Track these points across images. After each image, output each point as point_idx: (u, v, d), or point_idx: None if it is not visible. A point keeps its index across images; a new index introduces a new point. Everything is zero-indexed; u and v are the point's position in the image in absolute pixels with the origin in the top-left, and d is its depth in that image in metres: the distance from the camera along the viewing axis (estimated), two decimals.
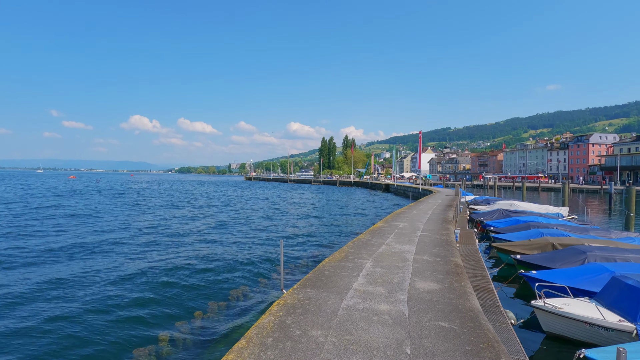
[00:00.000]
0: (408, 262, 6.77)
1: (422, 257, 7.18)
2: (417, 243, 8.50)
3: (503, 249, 11.70)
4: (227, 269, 11.49)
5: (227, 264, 12.05)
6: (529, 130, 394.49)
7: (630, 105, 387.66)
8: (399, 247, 7.99)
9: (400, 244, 8.36)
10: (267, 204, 38.58)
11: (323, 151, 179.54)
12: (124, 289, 9.17)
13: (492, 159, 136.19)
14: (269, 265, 12.22)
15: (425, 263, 6.75)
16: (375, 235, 9.41)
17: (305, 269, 11.42)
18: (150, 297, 8.59)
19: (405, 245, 8.18)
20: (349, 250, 7.63)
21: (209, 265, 11.86)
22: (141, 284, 9.62)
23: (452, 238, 8.32)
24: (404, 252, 7.53)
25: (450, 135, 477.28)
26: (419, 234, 9.56)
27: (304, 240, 16.91)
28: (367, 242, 8.52)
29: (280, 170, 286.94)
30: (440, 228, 10.50)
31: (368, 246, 8.07)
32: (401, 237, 9.22)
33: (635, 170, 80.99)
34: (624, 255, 9.00)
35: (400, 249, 7.83)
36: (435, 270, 6.21)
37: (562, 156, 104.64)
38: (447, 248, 7.99)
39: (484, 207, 25.92)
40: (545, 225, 14.44)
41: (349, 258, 6.93)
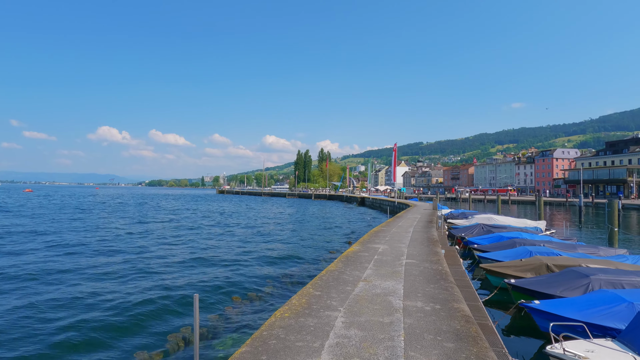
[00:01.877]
0: (397, 315, 4.92)
1: (415, 303, 5.34)
2: (404, 277, 6.79)
3: (493, 271, 10.56)
4: (100, 327, 7.51)
5: (114, 311, 8.36)
6: (496, 145, 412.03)
7: (585, 123, 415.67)
8: (381, 285, 6.17)
9: (382, 279, 6.62)
10: (231, 219, 36.33)
11: (299, 164, 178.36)
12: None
13: (464, 173, 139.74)
14: (185, 319, 8.08)
15: (421, 316, 4.93)
16: (350, 264, 7.57)
17: (243, 331, 7.37)
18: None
19: (389, 282, 6.40)
20: (313, 291, 5.73)
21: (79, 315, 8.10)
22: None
23: (445, 268, 6.76)
24: (389, 294, 5.70)
25: (422, 150, 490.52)
26: (404, 261, 7.87)
27: (256, 273, 12.81)
28: (339, 276, 6.69)
29: (255, 183, 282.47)
30: (428, 252, 9.04)
31: (340, 283, 6.24)
32: (383, 267, 7.44)
33: (596, 184, 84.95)
34: (630, 279, 8.01)
35: (384, 289, 6.03)
36: (438, 332, 4.39)
37: (529, 170, 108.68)
38: (444, 285, 6.25)
39: (462, 221, 25.19)
40: (531, 243, 13.58)
41: (311, 308, 5.06)
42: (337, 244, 19.96)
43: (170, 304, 8.82)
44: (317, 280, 6.23)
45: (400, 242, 10.55)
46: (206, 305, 8.66)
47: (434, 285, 6.09)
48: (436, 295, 5.50)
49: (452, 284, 5.71)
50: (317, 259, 15.57)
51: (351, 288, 5.82)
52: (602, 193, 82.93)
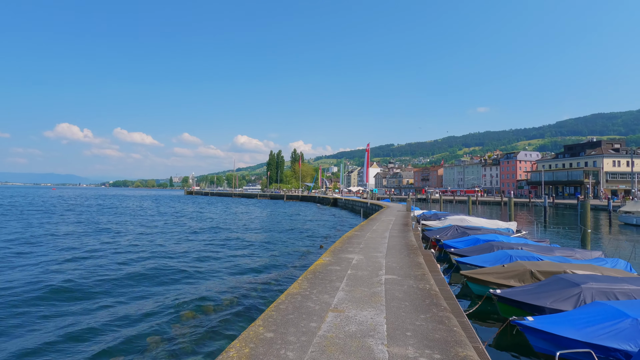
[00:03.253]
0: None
1: (405, 350, 3.62)
2: (386, 302, 5.18)
3: (475, 278, 9.80)
4: None
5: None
6: (463, 147, 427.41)
7: (544, 128, 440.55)
8: (357, 318, 4.52)
9: (358, 306, 4.93)
10: (194, 222, 34.24)
11: (271, 165, 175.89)
12: None
13: (433, 174, 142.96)
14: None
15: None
16: (318, 283, 5.91)
17: None
18: None
19: (367, 311, 4.76)
20: (263, 332, 3.97)
21: None
22: None
23: (433, 286, 5.66)
24: (368, 334, 4.02)
25: (393, 152, 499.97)
26: (383, 277, 6.48)
27: (201, 292, 10.23)
28: (303, 303, 4.97)
29: (226, 184, 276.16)
30: (409, 263, 7.78)
31: (302, 315, 4.56)
32: (358, 287, 5.83)
33: (555, 185, 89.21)
34: (621, 288, 7.42)
35: (360, 323, 4.35)
36: None
37: (494, 172, 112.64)
38: (438, 315, 4.66)
39: (435, 222, 24.84)
40: (509, 246, 13.07)
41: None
42: (307, 251, 18.22)
43: None
44: (272, 312, 4.60)
45: (377, 251, 9.36)
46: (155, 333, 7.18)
47: (425, 316, 4.63)
48: (431, 334, 4.07)
49: (447, 312, 4.56)
50: (280, 273, 13.19)
51: (316, 324, 4.26)
52: (561, 194, 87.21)
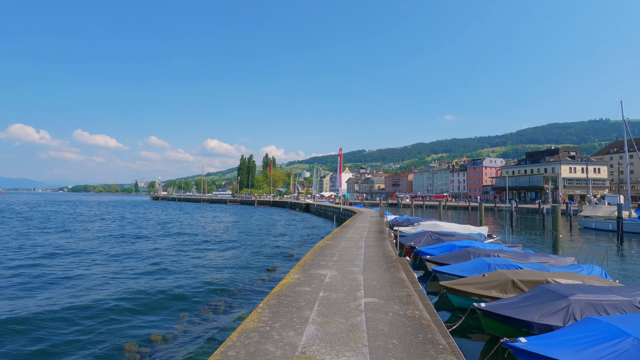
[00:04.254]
0: None
1: None
2: (369, 342, 3.91)
3: (455, 290, 9.19)
4: None
5: None
6: (431, 154, 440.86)
7: (506, 136, 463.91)
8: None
9: (333, 351, 3.69)
10: (153, 230, 32.14)
11: (242, 169, 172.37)
12: None
13: (404, 179, 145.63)
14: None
15: None
16: (282, 312, 4.68)
17: None
18: None
19: (345, 357, 3.56)
20: None
21: None
22: None
23: (423, 313, 4.68)
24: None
25: (365, 157, 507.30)
26: (362, 301, 5.30)
27: (128, 330, 7.89)
28: (259, 347, 3.71)
29: (195, 189, 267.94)
30: (391, 280, 6.71)
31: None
32: (332, 318, 4.59)
33: (518, 190, 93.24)
34: (609, 299, 7.01)
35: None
36: None
37: (462, 177, 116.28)
38: (437, 358, 3.54)
39: (408, 228, 24.47)
40: (485, 253, 12.68)
41: None
42: (276, 263, 16.54)
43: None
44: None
45: (353, 264, 8.31)
46: None
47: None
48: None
49: (448, 354, 3.49)
50: (240, 294, 11.00)
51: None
52: (523, 199, 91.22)
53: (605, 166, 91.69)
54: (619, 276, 13.51)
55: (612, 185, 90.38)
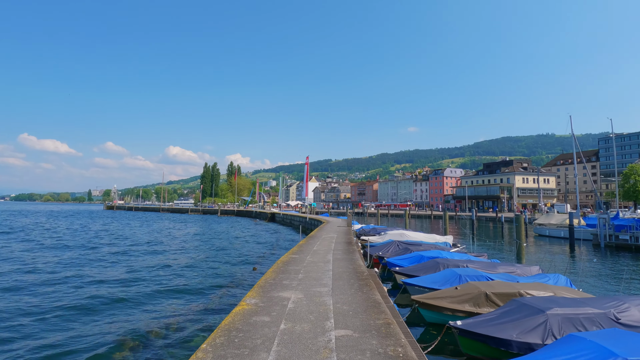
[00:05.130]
0: None
1: None
2: None
3: (427, 304, 8.69)
4: None
5: None
6: (395, 164, 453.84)
7: (464, 148, 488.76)
8: None
9: None
10: (90, 240, 29.59)
11: (205, 178, 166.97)
12: None
13: (369, 189, 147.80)
14: None
15: None
16: (229, 357, 3.67)
17: None
18: None
19: None
20: None
21: None
22: None
23: (407, 349, 3.87)
24: None
25: (331, 167, 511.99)
26: (333, 335, 4.32)
27: None
28: None
29: (155, 198, 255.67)
30: (365, 304, 5.78)
31: None
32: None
33: (477, 199, 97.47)
34: (584, 312, 6.76)
35: None
36: None
37: (424, 187, 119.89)
38: None
39: (375, 237, 24.16)
40: (454, 263, 12.42)
41: None
42: (236, 277, 14.99)
43: None
44: None
45: (320, 283, 7.31)
46: None
47: None
48: None
49: None
50: (183, 327, 8.79)
51: None
52: (481, 207, 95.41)
53: (553, 177, 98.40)
54: (582, 284, 13.79)
55: (560, 194, 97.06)
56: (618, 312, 6.83)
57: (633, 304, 7.08)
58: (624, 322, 6.67)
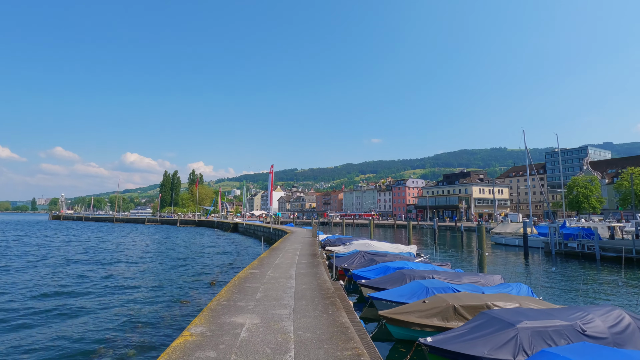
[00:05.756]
0: None
1: None
2: None
3: (395, 320, 8.27)
4: None
5: None
6: (359, 174, 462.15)
7: (425, 160, 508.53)
8: None
9: None
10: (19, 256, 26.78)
11: (165, 186, 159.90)
12: None
13: (335, 198, 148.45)
14: None
15: None
16: None
17: None
18: None
19: None
20: None
21: None
22: None
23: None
24: None
25: (297, 176, 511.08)
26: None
27: None
28: None
29: (109, 207, 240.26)
30: (331, 330, 5.10)
31: None
32: None
33: (437, 209, 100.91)
34: (553, 325, 6.64)
35: None
36: None
37: (388, 197, 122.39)
38: None
39: (340, 248, 23.77)
40: (420, 275, 12.22)
41: None
42: (191, 295, 13.19)
43: None
44: None
45: (281, 303, 6.49)
46: None
47: None
48: None
49: None
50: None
51: None
52: (441, 217, 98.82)
53: (506, 188, 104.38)
54: (541, 292, 14.12)
55: (512, 204, 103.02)
56: (584, 323, 6.79)
57: (596, 315, 7.09)
58: (589, 333, 6.63)
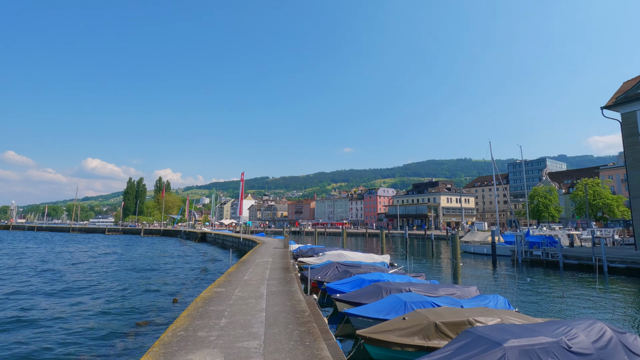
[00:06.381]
0: None
1: None
2: None
3: (374, 340, 7.70)
4: None
5: None
6: (331, 183, 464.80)
7: (394, 169, 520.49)
8: None
9: None
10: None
11: (129, 194, 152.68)
12: None
13: (306, 207, 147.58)
14: None
15: None
16: None
17: None
18: None
19: None
20: None
21: None
22: None
23: None
24: None
25: (268, 184, 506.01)
26: None
27: None
28: None
29: (66, 216, 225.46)
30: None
31: None
32: None
33: (407, 218, 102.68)
34: (539, 342, 6.32)
35: None
36: None
37: (359, 205, 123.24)
38: None
39: (312, 259, 23.09)
40: (396, 287, 11.78)
41: None
42: (149, 319, 11.46)
43: None
44: None
45: (249, 334, 5.45)
46: None
47: None
48: None
49: None
50: None
51: None
52: (411, 225, 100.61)
53: (472, 197, 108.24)
54: (517, 304, 14.10)
55: (478, 213, 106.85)
56: (569, 339, 6.54)
57: (580, 329, 6.88)
58: (575, 350, 6.39)
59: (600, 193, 61.61)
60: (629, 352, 6.89)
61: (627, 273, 22.20)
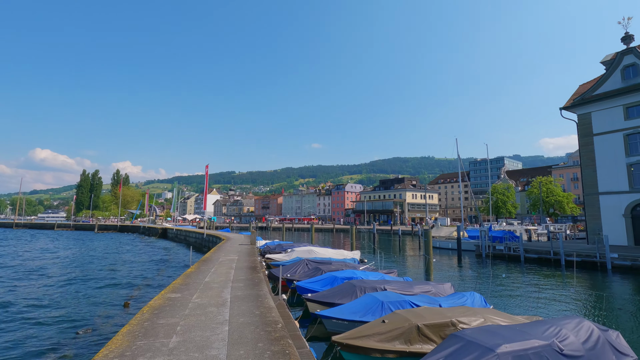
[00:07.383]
0: None
1: None
2: None
3: (352, 346, 6.94)
4: None
5: None
6: (299, 178, 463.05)
7: (361, 166, 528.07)
8: None
9: None
10: None
11: (83, 187, 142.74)
12: None
13: (274, 202, 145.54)
14: None
15: None
16: None
17: None
18: None
19: None
20: None
21: None
22: None
23: None
24: None
25: (235, 179, 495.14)
26: None
27: None
28: None
29: (10, 210, 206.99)
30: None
31: None
32: None
33: (374, 213, 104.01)
34: (531, 346, 5.85)
35: None
36: None
37: (327, 201, 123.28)
38: None
39: (281, 255, 22.15)
40: (372, 286, 11.14)
41: None
42: (96, 325, 10.33)
43: None
44: None
45: (205, 358, 4.23)
46: None
47: None
48: None
49: None
50: None
51: None
52: (377, 221, 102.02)
53: (436, 194, 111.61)
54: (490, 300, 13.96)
55: (441, 209, 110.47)
56: (559, 341, 6.14)
57: (568, 329, 6.53)
58: (567, 352, 5.99)
59: (552, 191, 65.46)
60: (615, 351, 6.67)
61: (582, 266, 23.28)
